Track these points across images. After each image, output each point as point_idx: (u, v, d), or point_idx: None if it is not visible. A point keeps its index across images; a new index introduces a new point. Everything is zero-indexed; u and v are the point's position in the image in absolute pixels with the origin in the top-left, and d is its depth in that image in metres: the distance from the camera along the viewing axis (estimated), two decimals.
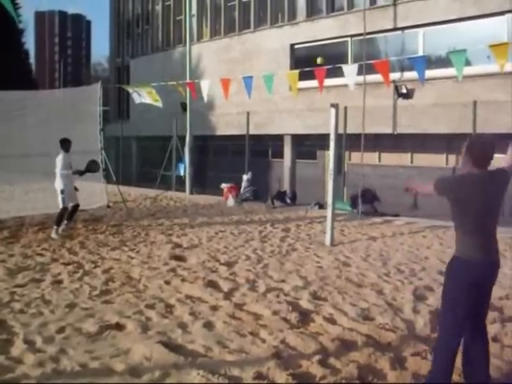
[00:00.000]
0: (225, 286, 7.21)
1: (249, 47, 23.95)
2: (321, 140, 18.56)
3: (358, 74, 11.33)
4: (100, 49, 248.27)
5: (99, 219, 13.23)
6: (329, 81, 12.21)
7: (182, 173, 21.62)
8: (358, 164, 18.94)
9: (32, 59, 71.24)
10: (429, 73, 11.12)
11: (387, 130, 18.16)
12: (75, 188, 11.38)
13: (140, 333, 5.40)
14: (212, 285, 7.29)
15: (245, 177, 18.99)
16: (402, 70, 18.16)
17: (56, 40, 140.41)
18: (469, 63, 14.06)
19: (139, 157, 31.64)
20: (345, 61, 19.28)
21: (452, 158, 17.63)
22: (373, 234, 11.82)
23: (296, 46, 22.20)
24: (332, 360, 4.77)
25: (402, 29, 18.71)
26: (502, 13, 15.85)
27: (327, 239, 10.61)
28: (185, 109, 21.56)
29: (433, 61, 16.84)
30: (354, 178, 17.85)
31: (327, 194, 11.32)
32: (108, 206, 14.66)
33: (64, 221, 11.12)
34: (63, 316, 5.88)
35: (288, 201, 17.55)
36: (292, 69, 20.50)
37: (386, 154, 19.26)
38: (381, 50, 19.83)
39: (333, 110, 10.55)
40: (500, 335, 5.40)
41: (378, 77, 10.82)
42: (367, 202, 14.82)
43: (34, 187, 14.46)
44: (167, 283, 7.39)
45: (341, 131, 14.78)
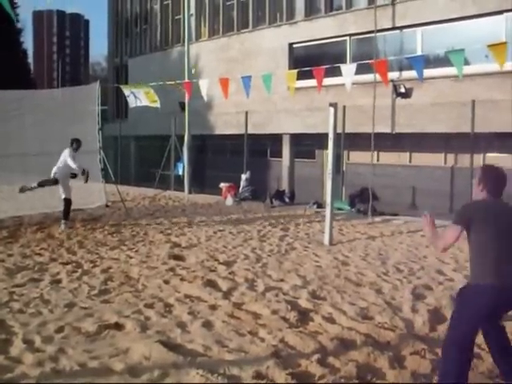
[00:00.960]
0: (224, 286, 7.22)
1: (247, 46, 23.91)
2: (319, 139, 18.57)
3: (357, 74, 11.32)
4: (98, 48, 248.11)
5: (98, 219, 13.23)
6: (327, 80, 12.20)
7: (181, 172, 21.59)
8: (357, 163, 19.00)
9: (30, 58, 71.17)
10: (427, 72, 11.13)
11: (386, 130, 18.16)
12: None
13: (139, 332, 5.40)
14: (211, 284, 7.29)
15: (243, 176, 19.00)
16: (401, 70, 18.13)
17: (54, 39, 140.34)
18: (467, 62, 14.05)
19: (138, 156, 31.60)
20: (343, 60, 19.27)
21: (450, 157, 17.63)
22: (371, 233, 11.84)
23: (294, 46, 22.16)
24: (331, 359, 4.77)
25: (401, 28, 18.70)
26: (501, 12, 15.84)
27: (326, 238, 10.62)
28: (183, 108, 21.54)
29: (431, 60, 16.82)
30: (353, 178, 17.89)
31: (326, 194, 11.35)
32: (107, 206, 14.65)
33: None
34: (62, 315, 5.88)
35: (287, 200, 17.56)
36: (290, 68, 20.48)
37: (385, 154, 19.25)
38: (379, 49, 19.82)
39: (331, 110, 10.56)
40: None
41: (377, 76, 10.81)
42: (366, 202, 14.84)
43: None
44: (166, 282, 7.39)
45: (339, 130, 14.79)
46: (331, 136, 10.55)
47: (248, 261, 8.90)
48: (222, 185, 18.66)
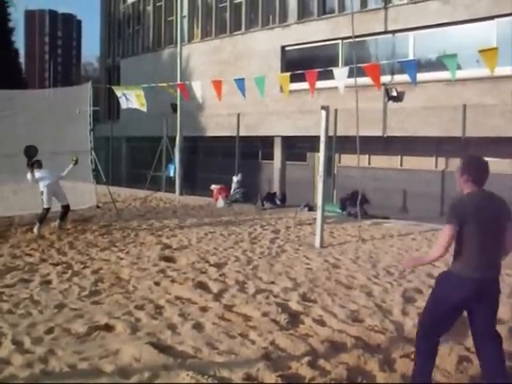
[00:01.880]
0: (214, 288, 7.22)
1: (240, 49, 23.93)
2: (311, 142, 18.59)
3: (349, 77, 11.34)
4: (90, 49, 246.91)
5: (89, 220, 13.19)
6: (319, 83, 12.20)
7: (172, 174, 21.59)
8: (348, 166, 19.04)
9: (22, 58, 70.82)
10: (419, 76, 11.16)
11: (377, 133, 18.22)
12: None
13: (129, 334, 5.39)
14: (201, 286, 7.29)
15: (235, 178, 19.01)
16: (393, 73, 18.21)
17: (46, 39, 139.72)
18: (459, 67, 14.13)
19: (129, 157, 31.53)
20: (335, 63, 19.32)
21: (441, 161, 17.72)
22: (362, 237, 11.86)
23: (287, 48, 22.20)
24: (321, 361, 4.78)
25: (393, 32, 18.77)
26: (492, 17, 15.95)
27: (317, 241, 10.63)
28: (175, 110, 21.54)
29: (423, 64, 16.90)
30: (344, 181, 17.93)
31: (317, 196, 11.35)
32: (97, 207, 14.60)
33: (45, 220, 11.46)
34: (52, 316, 5.86)
35: (278, 202, 17.58)
36: (283, 71, 20.50)
37: (376, 157, 19.31)
38: (371, 53, 19.89)
39: (323, 113, 10.58)
40: None
41: (369, 79, 10.84)
42: (357, 205, 14.87)
43: (23, 187, 14.35)
44: (157, 284, 7.38)
45: (331, 133, 14.82)
46: (323, 139, 10.57)
47: (239, 263, 8.89)
48: (214, 187, 18.65)
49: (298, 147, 22.02)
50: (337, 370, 4.57)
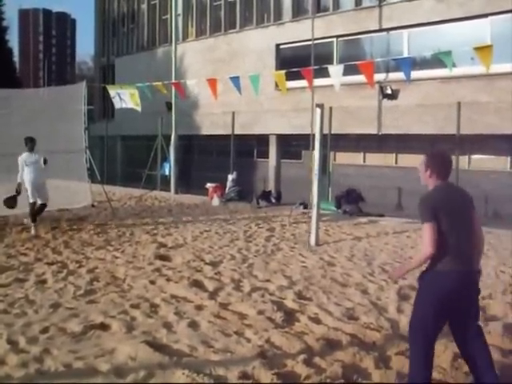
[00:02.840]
0: (210, 286, 7.21)
1: (234, 47, 23.92)
2: (306, 140, 18.60)
3: (344, 75, 11.35)
4: (85, 47, 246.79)
5: (84, 218, 13.16)
6: (314, 81, 12.22)
7: (167, 172, 21.56)
8: (343, 164, 19.07)
9: (16, 57, 70.63)
10: (414, 74, 11.18)
11: (372, 131, 18.24)
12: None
13: (125, 333, 5.38)
14: (197, 284, 7.28)
15: (230, 177, 19.00)
16: (387, 71, 18.23)
17: (40, 38, 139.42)
18: (453, 64, 14.18)
19: (124, 156, 31.48)
20: (330, 61, 19.32)
21: None
22: (357, 234, 11.88)
23: (281, 46, 22.20)
24: (317, 359, 4.78)
25: (387, 30, 18.79)
26: (486, 15, 15.99)
27: (312, 239, 10.64)
28: (170, 108, 21.51)
29: (418, 62, 16.91)
30: (339, 178, 17.95)
31: (312, 194, 11.35)
32: (93, 206, 14.57)
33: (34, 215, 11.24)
34: (47, 316, 5.84)
35: (273, 200, 17.59)
36: (277, 69, 20.50)
37: (371, 155, 19.34)
38: (366, 51, 19.91)
39: (318, 111, 10.59)
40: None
41: (363, 77, 10.84)
42: (352, 202, 14.89)
43: None
44: (152, 283, 7.37)
45: (326, 131, 14.83)
46: (318, 137, 10.57)
47: (234, 261, 8.90)
48: (209, 185, 18.64)
49: (293, 145, 22.04)
50: (332, 368, 4.57)
